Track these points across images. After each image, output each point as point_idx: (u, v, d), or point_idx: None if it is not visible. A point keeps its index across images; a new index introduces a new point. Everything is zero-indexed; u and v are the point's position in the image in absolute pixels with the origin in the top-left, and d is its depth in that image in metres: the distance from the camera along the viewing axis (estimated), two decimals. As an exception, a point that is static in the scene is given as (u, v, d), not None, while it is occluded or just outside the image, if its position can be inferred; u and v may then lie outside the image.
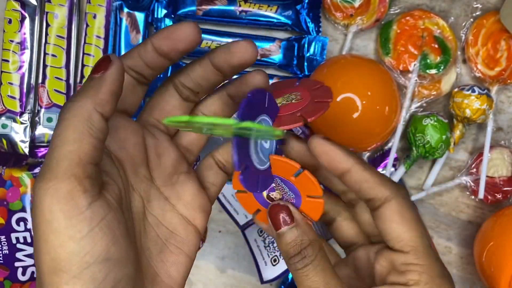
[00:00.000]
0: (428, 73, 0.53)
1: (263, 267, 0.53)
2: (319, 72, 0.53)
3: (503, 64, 0.53)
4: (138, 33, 0.55)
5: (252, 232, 0.55)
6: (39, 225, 0.24)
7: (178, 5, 0.55)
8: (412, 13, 0.54)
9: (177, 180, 0.31)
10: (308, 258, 0.29)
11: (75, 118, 0.24)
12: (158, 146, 0.30)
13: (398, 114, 0.52)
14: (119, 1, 0.55)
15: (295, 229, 0.30)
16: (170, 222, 0.30)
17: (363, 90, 0.50)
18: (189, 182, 0.31)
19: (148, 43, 0.28)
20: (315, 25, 0.56)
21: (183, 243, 0.30)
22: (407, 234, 0.28)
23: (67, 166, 0.23)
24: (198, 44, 0.28)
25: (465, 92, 0.52)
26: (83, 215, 0.23)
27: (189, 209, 0.31)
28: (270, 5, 0.55)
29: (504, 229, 0.51)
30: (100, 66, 0.25)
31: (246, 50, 0.28)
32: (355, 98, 0.50)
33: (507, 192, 0.54)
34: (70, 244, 0.23)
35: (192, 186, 0.31)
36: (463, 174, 0.55)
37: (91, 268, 0.23)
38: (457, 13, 0.56)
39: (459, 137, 0.54)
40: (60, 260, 0.23)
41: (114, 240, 0.24)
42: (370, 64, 0.52)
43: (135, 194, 0.29)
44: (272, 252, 0.53)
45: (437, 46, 0.53)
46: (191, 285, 0.57)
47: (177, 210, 0.31)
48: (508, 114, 0.56)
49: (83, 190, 0.24)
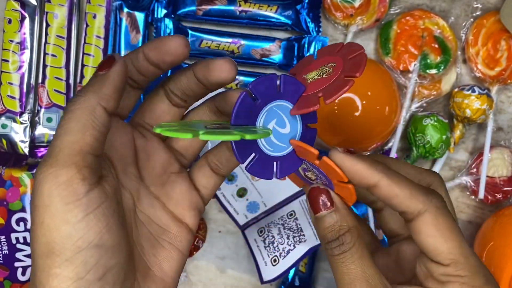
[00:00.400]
0: (428, 73, 0.53)
1: (263, 267, 0.53)
2: None
3: (503, 64, 0.53)
4: (138, 33, 0.55)
5: (252, 232, 0.55)
6: (37, 208, 0.24)
7: (178, 5, 0.55)
8: (412, 13, 0.54)
9: (167, 180, 0.32)
10: (346, 245, 0.28)
11: (79, 111, 0.25)
12: (148, 147, 0.31)
13: (398, 114, 0.52)
14: (119, 1, 0.54)
15: (334, 213, 0.29)
16: (160, 219, 0.31)
17: (363, 90, 0.50)
18: (179, 182, 0.32)
19: (139, 52, 0.29)
20: (315, 25, 0.56)
21: (176, 239, 0.31)
22: (445, 246, 0.27)
23: (68, 154, 0.24)
24: (185, 58, 0.29)
25: (465, 92, 0.52)
26: (79, 201, 0.24)
27: (179, 207, 0.32)
28: (270, 5, 0.55)
29: (504, 229, 0.51)
30: (104, 64, 0.27)
31: (223, 69, 0.29)
32: (355, 98, 0.50)
33: (507, 192, 0.54)
34: (65, 228, 0.24)
35: (182, 186, 0.32)
36: (463, 174, 0.55)
37: (83, 253, 0.24)
38: (457, 13, 0.56)
39: (459, 137, 0.54)
40: (54, 244, 0.24)
41: (108, 227, 0.25)
42: (370, 64, 0.52)
43: (125, 192, 0.30)
44: (272, 252, 0.53)
45: (437, 46, 0.53)
46: (191, 285, 0.57)
47: (167, 208, 0.31)
48: (508, 114, 0.56)
49: (82, 178, 0.24)
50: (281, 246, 0.53)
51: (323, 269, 0.57)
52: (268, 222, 0.54)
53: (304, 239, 0.53)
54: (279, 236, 0.53)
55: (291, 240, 0.53)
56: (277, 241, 0.53)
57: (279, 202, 0.55)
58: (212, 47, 0.56)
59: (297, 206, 0.54)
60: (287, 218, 0.54)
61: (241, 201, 0.55)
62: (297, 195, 0.54)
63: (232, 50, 0.56)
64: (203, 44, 0.56)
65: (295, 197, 0.54)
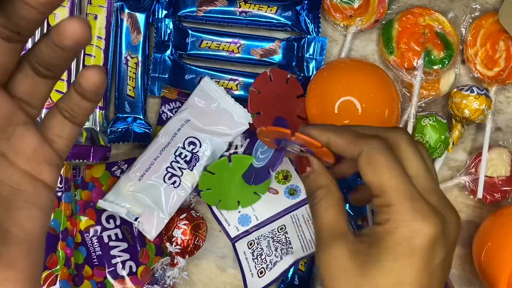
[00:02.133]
0: (433, 69, 0.53)
1: (249, 278, 0.53)
2: (319, 75, 0.53)
3: (501, 65, 0.53)
4: (139, 34, 0.55)
5: (242, 245, 0.55)
6: None
7: (178, 6, 0.56)
8: (412, 11, 0.54)
9: (13, 132, 0.28)
10: (318, 198, 0.36)
11: None
12: None
13: (398, 116, 0.53)
14: (120, 2, 0.55)
15: (312, 174, 0.37)
16: (11, 179, 0.28)
17: (363, 94, 0.50)
18: (28, 134, 0.28)
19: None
20: (314, 25, 0.56)
21: (33, 197, 0.28)
22: (376, 179, 0.32)
23: None
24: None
25: (464, 92, 0.52)
26: None
27: (31, 163, 0.28)
28: (270, 5, 0.55)
29: (502, 229, 0.51)
30: None
31: (73, 26, 0.24)
32: (355, 101, 0.50)
33: (505, 192, 0.54)
34: None
35: (32, 139, 0.28)
36: (462, 174, 0.55)
37: None
38: (456, 14, 0.56)
39: (458, 137, 0.54)
40: None
41: None
42: (369, 67, 0.52)
43: None
44: (259, 264, 0.53)
45: (440, 42, 0.53)
46: (192, 285, 0.57)
47: (17, 165, 0.28)
48: (507, 114, 0.57)
49: None
50: (268, 258, 0.53)
51: (322, 268, 0.58)
52: (258, 235, 0.54)
53: (292, 251, 0.53)
54: (267, 248, 0.53)
55: (278, 252, 0.53)
56: (265, 253, 0.53)
57: (271, 216, 0.55)
58: (212, 47, 0.56)
59: (288, 220, 0.54)
60: (277, 232, 0.54)
61: (233, 213, 0.55)
62: (289, 210, 0.54)
63: (232, 50, 0.56)
64: (203, 44, 0.56)
65: (287, 212, 0.54)
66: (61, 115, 0.29)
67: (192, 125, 0.53)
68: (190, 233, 0.52)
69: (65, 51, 0.26)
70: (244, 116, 0.54)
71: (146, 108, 0.56)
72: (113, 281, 0.53)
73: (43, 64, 0.27)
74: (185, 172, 0.53)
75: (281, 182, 0.55)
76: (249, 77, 0.56)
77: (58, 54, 0.26)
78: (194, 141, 0.53)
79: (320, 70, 0.54)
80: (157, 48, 0.55)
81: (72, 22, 0.24)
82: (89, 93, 0.28)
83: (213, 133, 0.53)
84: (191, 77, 0.56)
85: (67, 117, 0.29)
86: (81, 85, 0.27)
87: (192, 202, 0.55)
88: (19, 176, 0.28)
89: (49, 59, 0.27)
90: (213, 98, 0.53)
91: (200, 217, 0.54)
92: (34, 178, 0.28)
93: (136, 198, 0.52)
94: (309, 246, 0.53)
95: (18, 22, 0.24)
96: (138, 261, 0.53)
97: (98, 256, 0.53)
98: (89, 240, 0.53)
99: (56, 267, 0.50)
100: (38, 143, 0.28)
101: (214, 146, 0.53)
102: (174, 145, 0.53)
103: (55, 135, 0.29)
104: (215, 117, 0.54)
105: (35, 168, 0.28)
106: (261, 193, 0.54)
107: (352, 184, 0.56)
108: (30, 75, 0.27)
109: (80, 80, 0.27)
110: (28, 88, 0.28)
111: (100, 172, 0.54)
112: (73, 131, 0.30)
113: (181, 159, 0.53)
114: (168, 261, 0.54)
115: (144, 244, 0.54)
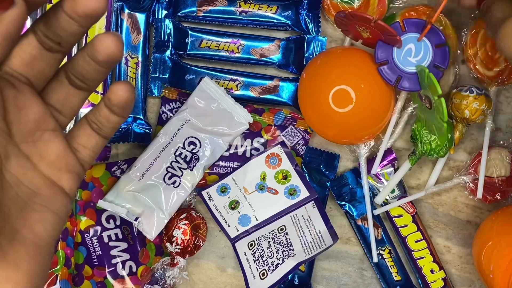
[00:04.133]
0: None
1: (251, 280, 0.53)
2: (312, 63, 0.53)
3: (501, 65, 0.53)
4: (139, 34, 0.55)
5: (242, 245, 0.55)
6: None
7: (178, 6, 0.56)
8: (417, 9, 0.54)
9: (41, 137, 0.28)
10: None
11: None
12: (18, 98, 0.27)
13: (391, 106, 0.52)
14: (120, 2, 0.55)
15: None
16: (31, 181, 0.28)
17: (357, 82, 0.50)
18: (54, 140, 0.29)
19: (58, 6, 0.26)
20: (314, 25, 0.56)
21: (50, 201, 0.28)
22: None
23: None
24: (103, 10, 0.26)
25: (463, 93, 0.52)
26: None
27: (53, 169, 0.29)
28: (270, 5, 0.55)
29: (502, 229, 0.51)
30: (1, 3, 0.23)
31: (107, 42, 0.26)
32: (349, 89, 0.50)
33: (505, 192, 0.54)
34: None
35: (57, 145, 0.29)
36: (462, 174, 0.55)
37: None
38: (457, 13, 0.56)
39: (459, 138, 0.54)
40: None
41: None
42: (363, 55, 0.52)
43: None
44: (261, 266, 0.53)
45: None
46: (192, 285, 0.58)
47: (38, 169, 0.28)
48: (507, 115, 0.57)
49: None
50: (270, 260, 0.53)
51: (322, 269, 0.58)
52: (258, 236, 0.54)
53: (293, 254, 0.52)
54: (268, 250, 0.53)
55: (280, 254, 0.53)
56: (266, 255, 0.53)
57: (271, 216, 0.54)
58: (212, 47, 0.56)
59: (288, 221, 0.54)
60: (277, 233, 0.54)
61: (233, 214, 0.55)
62: (289, 210, 0.54)
63: (232, 50, 0.56)
64: (203, 44, 0.56)
65: (286, 212, 0.54)
66: (89, 127, 0.30)
67: (192, 125, 0.53)
68: (190, 233, 0.52)
69: (99, 65, 0.27)
70: (244, 116, 0.54)
71: (146, 108, 0.56)
72: (113, 281, 0.53)
73: (78, 76, 0.29)
74: (185, 172, 0.53)
75: (280, 182, 0.55)
76: (249, 77, 0.56)
77: (92, 67, 0.28)
78: (194, 141, 0.53)
79: (313, 58, 0.53)
80: (157, 48, 0.56)
81: (106, 38, 0.26)
82: (117, 108, 0.29)
83: (213, 133, 0.53)
84: (191, 77, 0.56)
85: (95, 129, 0.30)
86: (110, 100, 0.29)
87: (192, 202, 0.55)
88: (39, 180, 0.28)
89: (84, 71, 0.28)
90: (213, 98, 0.54)
91: (200, 217, 0.54)
92: (53, 183, 0.29)
93: (136, 198, 0.52)
94: (311, 249, 0.52)
95: (59, 33, 0.26)
96: (138, 261, 0.54)
97: (98, 256, 0.53)
98: (89, 240, 0.53)
99: (56, 267, 0.50)
100: (62, 150, 0.29)
101: (214, 146, 0.53)
102: (174, 145, 0.53)
103: (81, 145, 0.30)
104: (215, 117, 0.54)
105: (56, 174, 0.29)
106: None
107: (353, 189, 0.56)
108: (65, 84, 0.29)
109: (109, 95, 0.28)
110: (61, 97, 0.29)
111: (100, 172, 0.54)
112: (98, 143, 0.31)
113: (181, 159, 0.53)
114: (168, 261, 0.54)
115: (144, 244, 0.54)
